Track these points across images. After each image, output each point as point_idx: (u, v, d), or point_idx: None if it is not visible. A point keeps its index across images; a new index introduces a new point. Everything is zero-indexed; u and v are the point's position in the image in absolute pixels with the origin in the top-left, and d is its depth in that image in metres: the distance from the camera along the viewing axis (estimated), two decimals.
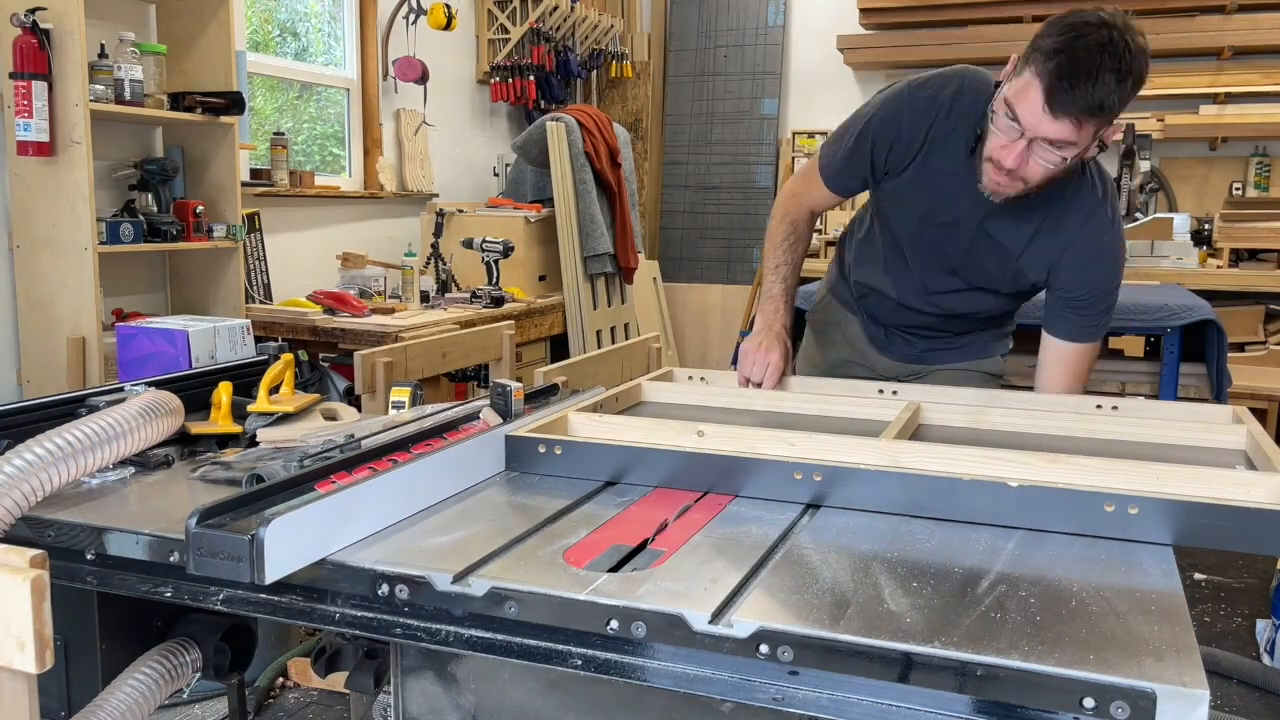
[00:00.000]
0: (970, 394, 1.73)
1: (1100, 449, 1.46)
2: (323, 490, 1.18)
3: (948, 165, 1.76)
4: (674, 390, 1.85)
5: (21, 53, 2.81)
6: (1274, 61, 5.17)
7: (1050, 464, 1.26)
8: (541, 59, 5.22)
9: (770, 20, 6.06)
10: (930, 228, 1.85)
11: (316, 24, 4.55)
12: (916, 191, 1.83)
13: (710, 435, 1.41)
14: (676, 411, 1.72)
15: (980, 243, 1.82)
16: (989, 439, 1.53)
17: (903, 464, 1.28)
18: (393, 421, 1.51)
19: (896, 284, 1.98)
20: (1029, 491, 1.15)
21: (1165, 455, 1.46)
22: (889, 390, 1.80)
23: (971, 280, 1.89)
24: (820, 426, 1.58)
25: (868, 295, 2.08)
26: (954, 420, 1.64)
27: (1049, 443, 1.51)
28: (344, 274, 4.18)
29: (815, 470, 1.23)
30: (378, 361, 2.66)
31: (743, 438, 1.38)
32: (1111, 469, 1.23)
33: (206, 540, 1.05)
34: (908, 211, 1.87)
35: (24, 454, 1.12)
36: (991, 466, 1.26)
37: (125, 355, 2.02)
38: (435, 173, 4.93)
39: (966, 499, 1.17)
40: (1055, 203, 1.74)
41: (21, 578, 0.84)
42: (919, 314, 2.00)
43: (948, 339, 2.05)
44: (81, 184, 2.91)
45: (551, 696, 1.04)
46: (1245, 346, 4.60)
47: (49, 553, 0.88)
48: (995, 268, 1.84)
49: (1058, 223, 1.76)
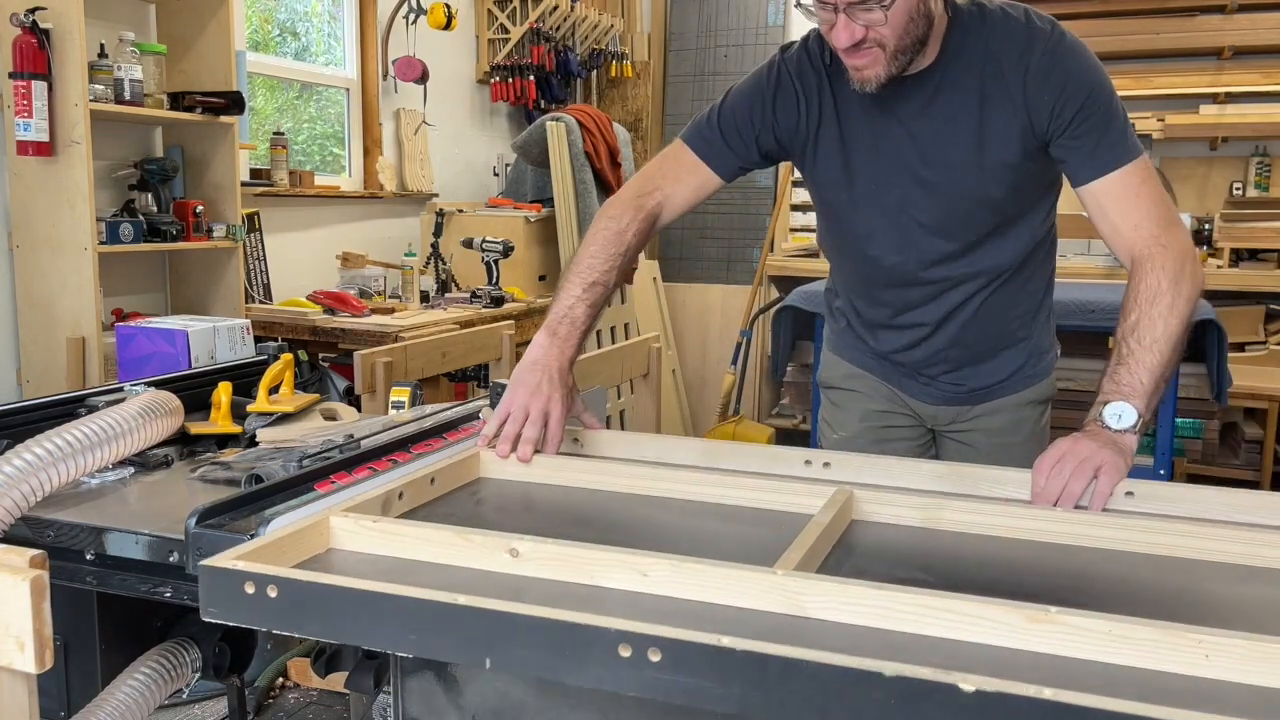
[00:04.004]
0: (929, 469, 1.33)
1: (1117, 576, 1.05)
2: (322, 490, 1.18)
3: (848, 110, 1.56)
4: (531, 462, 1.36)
5: (21, 52, 2.81)
6: (1274, 61, 5.17)
7: (1037, 623, 0.84)
8: (541, 59, 5.22)
9: (770, 20, 6.06)
10: (878, 177, 1.58)
11: (316, 24, 4.55)
12: (845, 152, 1.58)
13: (529, 555, 0.99)
14: (516, 498, 1.29)
15: (936, 155, 1.54)
16: (946, 554, 1.09)
17: (805, 611, 0.90)
18: (392, 421, 1.51)
19: (886, 281, 1.68)
20: (993, 704, 0.70)
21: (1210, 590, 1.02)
22: (819, 462, 1.36)
23: (953, 208, 1.57)
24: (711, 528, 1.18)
25: (865, 326, 1.78)
26: (900, 514, 1.19)
27: (1037, 560, 1.09)
28: (344, 274, 4.18)
29: (651, 645, 0.80)
30: (378, 361, 2.66)
31: (573, 560, 0.97)
32: (1133, 634, 0.82)
33: (206, 540, 1.05)
34: (851, 178, 1.59)
35: (24, 454, 1.12)
36: (942, 622, 0.86)
37: (125, 355, 2.02)
38: (435, 173, 4.93)
39: (890, 713, 0.73)
40: (971, 61, 1.50)
41: (21, 578, 0.84)
42: (923, 324, 1.69)
43: (968, 358, 1.72)
44: (81, 184, 2.91)
45: (551, 697, 1.04)
46: (1245, 346, 4.60)
47: (49, 553, 0.88)
48: (967, 170, 1.53)
49: (994, 71, 1.49)
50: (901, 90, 1.49)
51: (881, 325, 1.75)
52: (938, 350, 1.71)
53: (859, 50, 1.41)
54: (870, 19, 1.38)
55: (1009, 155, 1.52)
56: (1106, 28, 5.26)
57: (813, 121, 1.58)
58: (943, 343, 1.70)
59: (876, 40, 1.40)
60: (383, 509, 1.15)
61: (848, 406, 1.84)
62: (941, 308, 1.67)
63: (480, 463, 1.36)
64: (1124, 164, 1.46)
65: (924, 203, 1.57)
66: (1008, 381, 1.74)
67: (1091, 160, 1.47)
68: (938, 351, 1.71)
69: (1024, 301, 1.71)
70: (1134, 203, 1.45)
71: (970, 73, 1.50)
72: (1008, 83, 1.48)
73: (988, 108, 1.50)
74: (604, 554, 0.97)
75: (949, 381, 1.75)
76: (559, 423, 1.40)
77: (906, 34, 1.41)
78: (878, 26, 1.39)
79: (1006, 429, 1.76)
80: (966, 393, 1.75)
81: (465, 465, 1.33)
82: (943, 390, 1.75)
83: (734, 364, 4.84)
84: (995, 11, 1.52)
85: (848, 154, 1.58)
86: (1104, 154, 1.46)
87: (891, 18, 1.38)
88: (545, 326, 1.49)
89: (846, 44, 1.40)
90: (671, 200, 1.62)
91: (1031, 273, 1.70)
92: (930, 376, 1.75)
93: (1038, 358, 1.77)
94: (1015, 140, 1.50)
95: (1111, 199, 1.47)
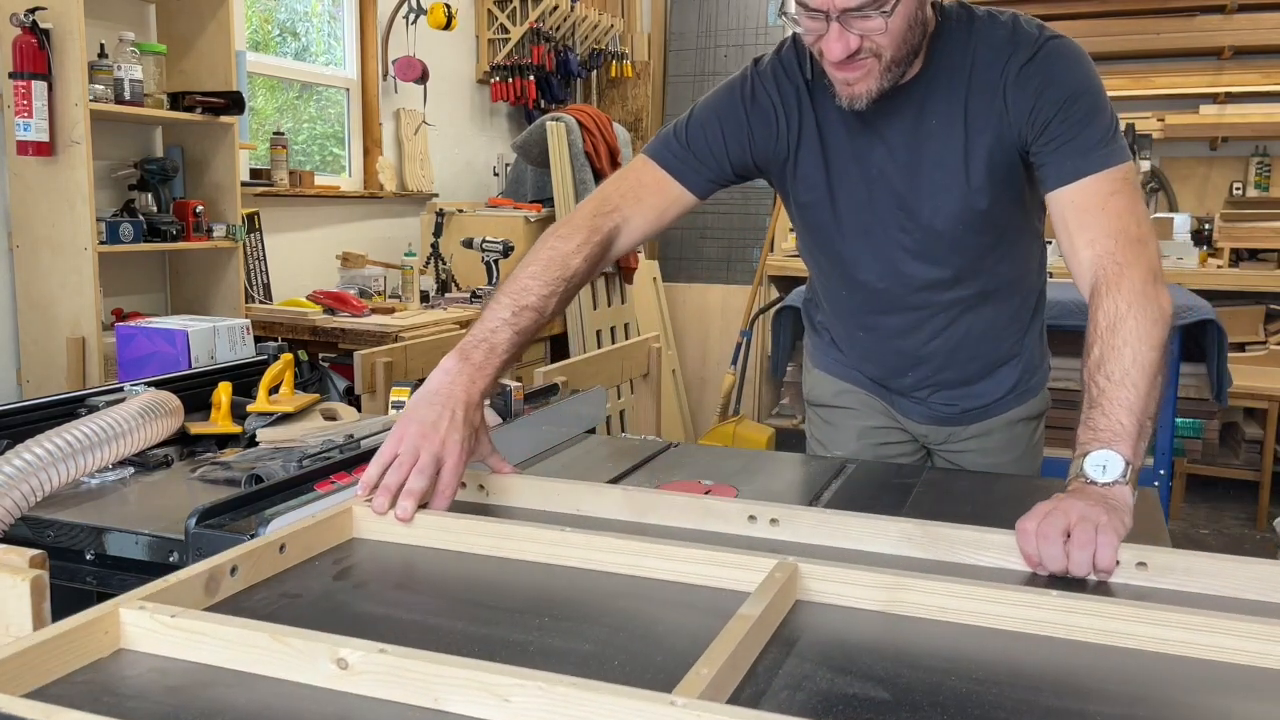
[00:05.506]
0: (896, 530, 1.10)
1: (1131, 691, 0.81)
2: (322, 490, 1.18)
3: (829, 126, 1.45)
4: (413, 521, 1.10)
5: (21, 52, 2.81)
6: (1274, 61, 5.17)
7: None
8: (541, 59, 5.22)
9: (770, 20, 6.06)
10: (861, 199, 1.47)
11: (316, 24, 4.55)
12: (827, 172, 1.48)
13: (359, 666, 0.76)
14: (389, 569, 1.05)
15: (921, 175, 1.43)
16: (909, 654, 0.86)
17: None
18: (392, 421, 1.51)
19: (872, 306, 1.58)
20: None
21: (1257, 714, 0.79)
22: (765, 519, 1.14)
23: (940, 230, 1.46)
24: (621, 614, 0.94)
25: (850, 348, 1.70)
26: (855, 594, 0.95)
27: (1024, 663, 0.85)
28: (344, 274, 4.18)
29: None
30: (378, 361, 2.66)
31: (415, 676, 0.75)
32: None
33: (206, 540, 1.05)
34: (833, 199, 1.49)
35: (24, 454, 1.12)
36: None
37: (125, 355, 2.02)
38: (435, 173, 4.93)
39: None
40: (956, 73, 1.39)
41: (21, 578, 0.84)
42: (911, 349, 1.60)
43: (959, 379, 1.63)
44: (81, 184, 2.91)
45: None
46: (1245, 346, 4.60)
47: (49, 553, 0.88)
48: (953, 191, 1.43)
49: (979, 83, 1.38)
50: (885, 105, 1.37)
51: (868, 348, 1.66)
52: (926, 376, 1.63)
53: (852, 62, 1.28)
54: (868, 27, 1.26)
55: (996, 172, 1.41)
56: (1106, 28, 5.26)
57: (792, 139, 1.47)
58: (931, 368, 1.62)
59: (872, 50, 1.28)
60: (205, 589, 0.92)
61: (842, 425, 1.74)
62: (930, 331, 1.57)
63: (354, 520, 1.11)
64: (1093, 172, 1.32)
65: (909, 225, 1.47)
66: (1001, 400, 1.66)
67: (1059, 167, 1.34)
68: (927, 376, 1.63)
69: (1016, 320, 1.62)
70: (1094, 216, 1.30)
71: (955, 85, 1.39)
72: (991, 94, 1.37)
73: (973, 122, 1.39)
74: (455, 670, 0.74)
75: (941, 402, 1.66)
76: (453, 472, 1.14)
77: (904, 43, 1.30)
78: (875, 35, 1.26)
79: (1000, 448, 1.71)
80: (959, 413, 1.66)
81: (333, 525, 1.08)
82: (934, 410, 1.67)
83: (734, 364, 4.84)
84: (982, 17, 1.41)
85: (830, 174, 1.47)
86: (1073, 159, 1.32)
87: (891, 25, 1.26)
88: (458, 349, 1.25)
89: (840, 55, 1.26)
90: (630, 222, 1.46)
91: (1023, 291, 1.62)
92: (921, 397, 1.67)
93: (1030, 374, 1.68)
94: (1000, 155, 1.39)
95: (1073, 210, 1.32)
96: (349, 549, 1.09)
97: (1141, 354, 1.18)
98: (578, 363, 2.69)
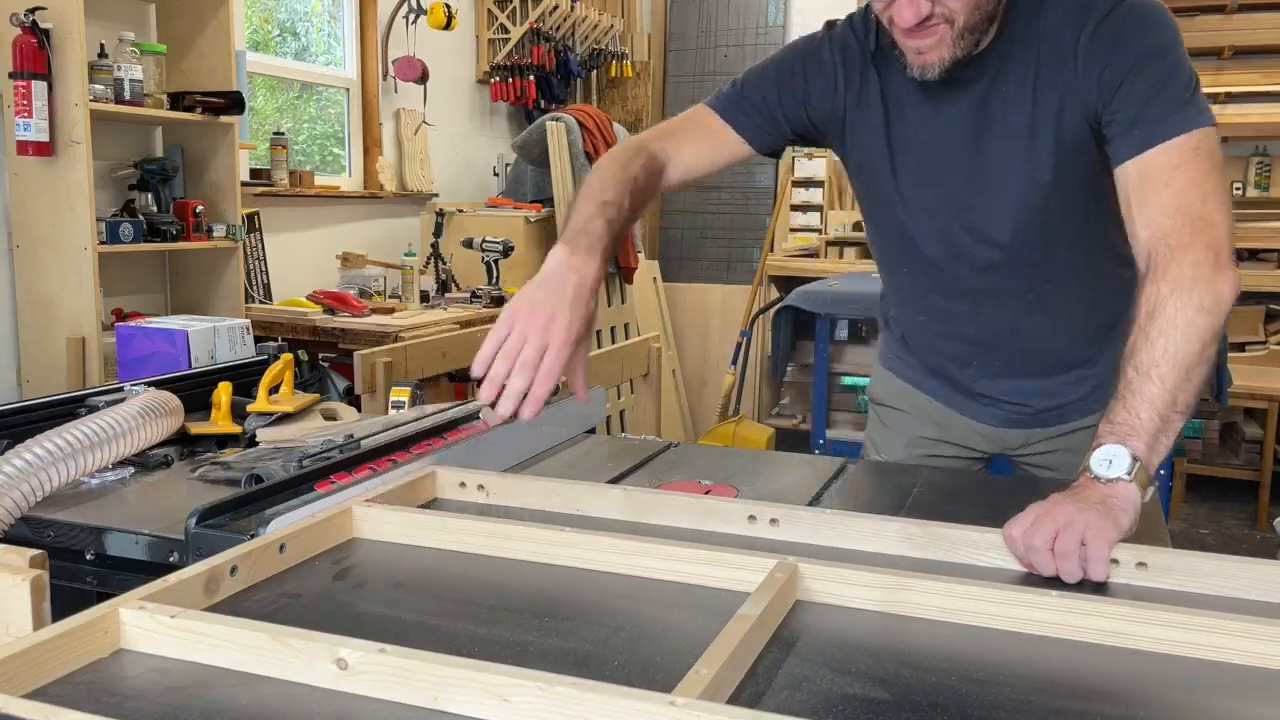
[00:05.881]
0: (895, 530, 1.09)
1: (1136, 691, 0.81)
2: (322, 490, 1.18)
3: (894, 96, 1.42)
4: (413, 522, 1.11)
5: (21, 52, 2.81)
6: (1274, 61, 5.18)
7: None
8: (541, 59, 5.22)
9: (770, 20, 6.06)
10: (925, 173, 1.43)
11: (316, 24, 4.55)
12: (889, 142, 1.44)
13: (359, 666, 0.77)
14: (389, 569, 1.04)
15: (989, 152, 1.37)
16: (909, 653, 0.86)
17: None
18: (392, 421, 1.51)
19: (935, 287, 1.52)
20: None
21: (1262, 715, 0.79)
22: (764, 519, 1.14)
23: (1007, 210, 1.39)
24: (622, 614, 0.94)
25: (914, 335, 1.63)
26: (855, 594, 0.95)
27: (1024, 662, 0.86)
28: (344, 274, 4.18)
29: None
30: (378, 361, 2.66)
31: (414, 676, 0.75)
32: None
33: (206, 540, 1.05)
34: (895, 171, 1.45)
35: (24, 454, 1.12)
36: None
37: (125, 355, 2.02)
38: (435, 173, 4.93)
39: None
40: (1029, 46, 1.32)
41: (21, 578, 0.84)
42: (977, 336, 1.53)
43: (1027, 374, 1.53)
44: (81, 184, 2.91)
45: None
46: (1245, 346, 4.60)
47: (49, 553, 0.88)
48: (1022, 170, 1.36)
49: (1050, 56, 1.31)
50: (955, 75, 1.31)
51: (930, 335, 1.59)
52: (990, 368, 1.54)
53: (924, 29, 1.23)
54: None
55: (1065, 146, 1.32)
56: None
57: (851, 99, 1.43)
58: (995, 359, 1.53)
59: (944, 16, 1.23)
60: (205, 589, 0.92)
61: (895, 427, 1.68)
62: (991, 318, 1.50)
63: (354, 520, 1.11)
64: (1159, 142, 1.20)
65: (974, 203, 1.40)
66: (1079, 403, 1.53)
67: (1125, 139, 1.23)
68: (991, 368, 1.54)
69: (1093, 317, 1.50)
70: (1155, 193, 1.20)
71: (1028, 56, 1.32)
72: (1061, 63, 1.29)
73: (1042, 92, 1.31)
74: (454, 670, 0.74)
75: (1011, 402, 1.56)
76: (557, 356, 1.13)
77: (978, 8, 1.24)
78: (947, 0, 1.22)
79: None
80: (1032, 414, 1.55)
81: (333, 525, 1.08)
82: (1006, 412, 1.57)
83: (734, 364, 4.84)
84: None
85: (891, 142, 1.42)
86: (1141, 128, 1.22)
87: None
88: (560, 244, 1.23)
89: (912, 21, 1.21)
90: (680, 156, 1.45)
91: (1106, 287, 1.48)
92: (991, 397, 1.56)
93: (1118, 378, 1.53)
94: (1071, 125, 1.31)
95: (1135, 188, 1.22)
96: (349, 549, 1.09)
97: (1175, 344, 1.12)
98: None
